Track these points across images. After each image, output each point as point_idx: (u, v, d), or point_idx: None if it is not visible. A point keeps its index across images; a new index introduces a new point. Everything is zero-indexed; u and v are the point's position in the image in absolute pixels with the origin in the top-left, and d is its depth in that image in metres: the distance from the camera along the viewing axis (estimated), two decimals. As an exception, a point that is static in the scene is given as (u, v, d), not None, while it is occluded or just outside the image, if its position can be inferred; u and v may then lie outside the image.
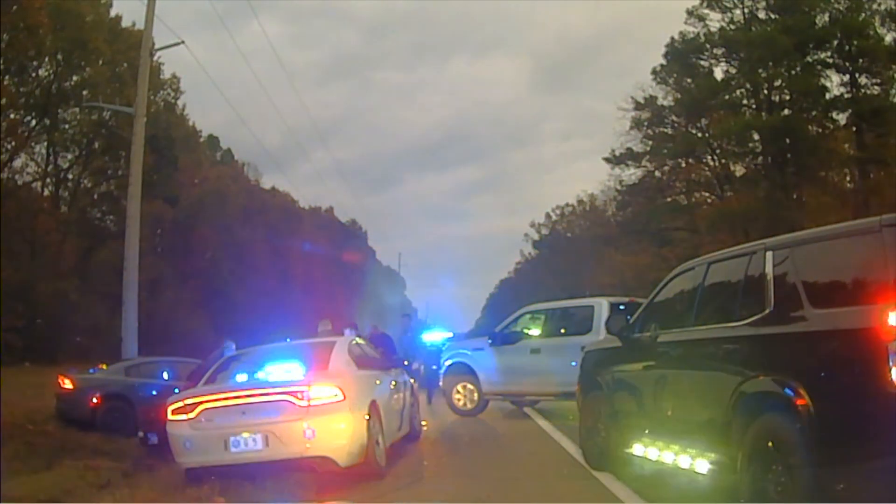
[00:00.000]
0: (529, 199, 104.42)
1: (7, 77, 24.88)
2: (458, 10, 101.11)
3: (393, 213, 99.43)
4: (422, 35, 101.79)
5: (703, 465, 4.86)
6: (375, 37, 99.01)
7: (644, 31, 76.80)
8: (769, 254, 4.54)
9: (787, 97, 28.76)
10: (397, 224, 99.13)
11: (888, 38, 26.31)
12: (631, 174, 32.46)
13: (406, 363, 11.26)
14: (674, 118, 31.62)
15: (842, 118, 28.21)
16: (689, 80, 30.26)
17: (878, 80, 26.89)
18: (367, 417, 6.89)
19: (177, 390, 8.42)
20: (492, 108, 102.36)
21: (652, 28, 56.18)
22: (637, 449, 5.77)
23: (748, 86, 29.22)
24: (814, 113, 28.07)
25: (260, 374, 7.33)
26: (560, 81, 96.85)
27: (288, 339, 9.63)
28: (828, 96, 27.70)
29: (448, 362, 12.78)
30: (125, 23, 28.90)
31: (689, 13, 29.84)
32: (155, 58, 21.20)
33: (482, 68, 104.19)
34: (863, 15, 26.66)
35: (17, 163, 27.47)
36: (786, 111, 28.27)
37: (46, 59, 26.36)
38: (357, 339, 8.98)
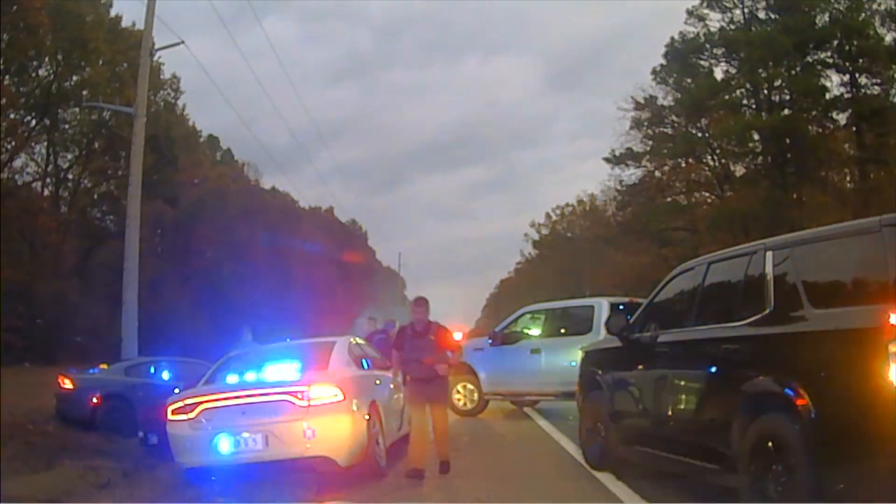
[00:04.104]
0: (535, 200, 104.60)
1: (7, 77, 24.87)
2: (470, 10, 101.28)
3: (396, 214, 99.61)
4: (433, 35, 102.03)
5: (703, 466, 4.86)
6: (387, 37, 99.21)
7: (654, 31, 76.98)
8: (769, 254, 4.54)
9: (787, 97, 28.77)
10: (400, 224, 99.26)
11: (888, 38, 26.34)
12: (631, 174, 32.55)
13: None
14: (674, 118, 31.62)
15: (842, 118, 28.25)
16: (689, 80, 30.27)
17: (878, 80, 26.89)
18: (367, 417, 6.90)
19: (177, 390, 8.42)
20: (501, 108, 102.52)
21: (662, 29, 56.22)
22: (637, 449, 5.78)
23: (748, 86, 29.23)
24: (814, 113, 28.07)
25: (260, 374, 7.33)
26: (570, 82, 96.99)
27: (288, 339, 9.64)
28: (828, 96, 27.72)
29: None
30: (125, 23, 28.94)
31: (689, 13, 29.89)
32: (155, 58, 21.19)
33: (492, 69, 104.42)
34: (863, 15, 26.66)
35: (17, 163, 27.48)
36: (786, 111, 28.27)
37: (46, 59, 26.35)
38: (356, 338, 8.98)
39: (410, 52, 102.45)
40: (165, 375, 13.08)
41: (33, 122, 26.97)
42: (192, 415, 6.72)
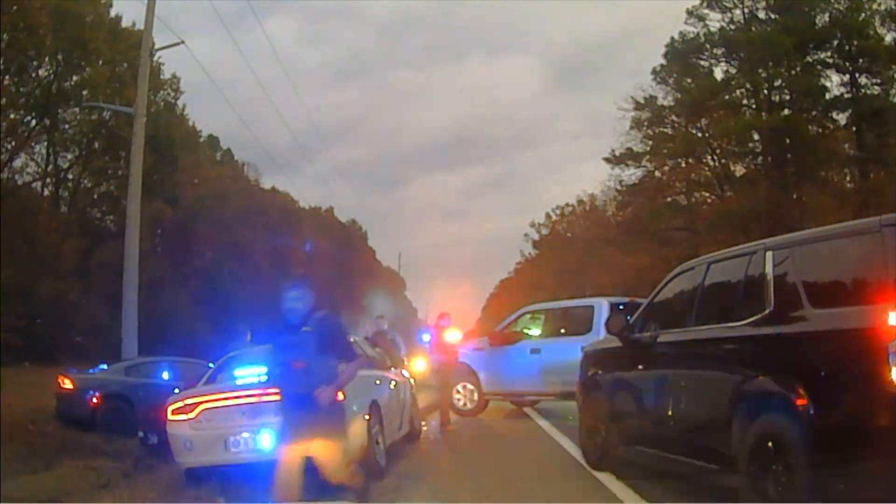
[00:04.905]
0: (536, 200, 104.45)
1: (7, 77, 24.86)
2: (472, 11, 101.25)
3: (396, 214, 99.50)
4: (435, 36, 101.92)
5: (703, 465, 4.86)
6: (389, 37, 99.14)
7: (656, 32, 76.88)
8: (769, 254, 4.54)
9: (787, 97, 28.77)
10: (400, 224, 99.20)
11: (888, 38, 26.32)
12: (631, 174, 32.52)
13: None
14: (674, 118, 31.61)
15: (842, 118, 28.24)
16: (689, 80, 30.25)
17: (878, 80, 26.88)
18: (367, 417, 6.90)
19: (177, 390, 8.42)
20: (502, 108, 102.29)
21: (664, 29, 56.20)
22: (637, 449, 5.78)
23: (748, 86, 29.23)
24: (814, 113, 28.07)
25: (260, 374, 7.32)
26: (572, 82, 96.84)
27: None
28: (828, 96, 27.72)
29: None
30: (125, 23, 28.91)
31: (689, 13, 29.87)
32: (155, 58, 21.20)
33: (494, 69, 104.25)
34: (863, 15, 26.65)
35: (17, 163, 27.45)
36: (786, 111, 28.27)
37: (46, 59, 26.32)
38: (357, 338, 8.98)
39: (412, 53, 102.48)
40: (165, 375, 13.09)
41: (33, 122, 26.95)
42: (192, 415, 6.73)
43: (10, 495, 6.55)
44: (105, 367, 13.98)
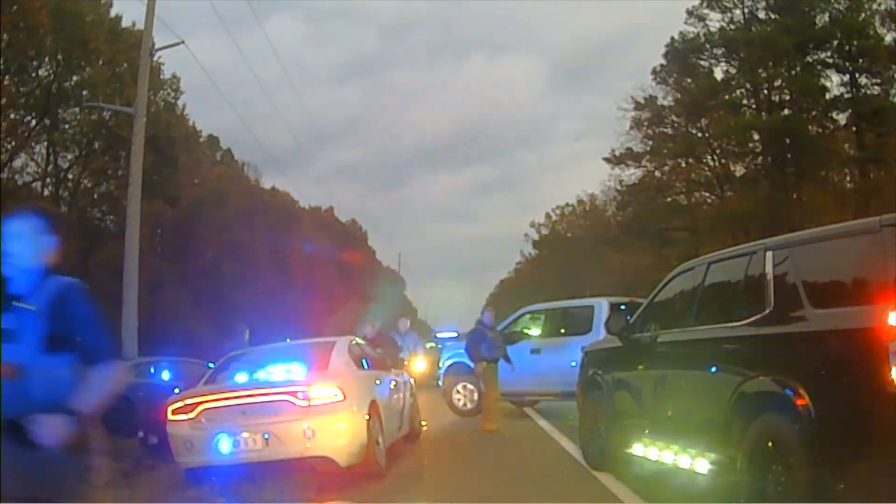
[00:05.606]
0: (536, 200, 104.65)
1: (7, 77, 24.84)
2: (475, 11, 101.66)
3: (398, 213, 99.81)
4: (438, 36, 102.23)
5: (703, 465, 4.86)
6: (392, 37, 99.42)
7: (656, 32, 77.02)
8: (769, 254, 4.54)
9: (787, 97, 28.77)
10: (401, 224, 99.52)
11: (888, 38, 26.31)
12: (631, 174, 32.52)
13: None
14: (674, 118, 31.61)
15: (842, 118, 28.23)
16: (689, 80, 30.25)
17: (878, 80, 26.87)
18: (367, 417, 6.90)
19: (177, 390, 8.42)
20: (504, 108, 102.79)
21: (664, 29, 56.30)
22: (637, 449, 5.77)
23: (748, 86, 29.22)
24: (814, 113, 28.07)
25: (260, 374, 7.33)
26: (574, 82, 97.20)
27: (287, 339, 9.65)
28: (828, 96, 27.71)
29: (448, 362, 12.78)
30: (125, 23, 28.88)
31: (689, 13, 29.86)
32: (155, 58, 21.21)
33: (497, 69, 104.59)
34: (863, 15, 26.65)
35: (17, 163, 27.43)
36: (786, 111, 28.26)
37: (46, 59, 26.32)
38: (357, 338, 8.98)
39: (414, 53, 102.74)
40: (165, 375, 13.07)
41: (33, 122, 26.93)
42: (192, 415, 6.73)
43: (9, 495, 6.55)
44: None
